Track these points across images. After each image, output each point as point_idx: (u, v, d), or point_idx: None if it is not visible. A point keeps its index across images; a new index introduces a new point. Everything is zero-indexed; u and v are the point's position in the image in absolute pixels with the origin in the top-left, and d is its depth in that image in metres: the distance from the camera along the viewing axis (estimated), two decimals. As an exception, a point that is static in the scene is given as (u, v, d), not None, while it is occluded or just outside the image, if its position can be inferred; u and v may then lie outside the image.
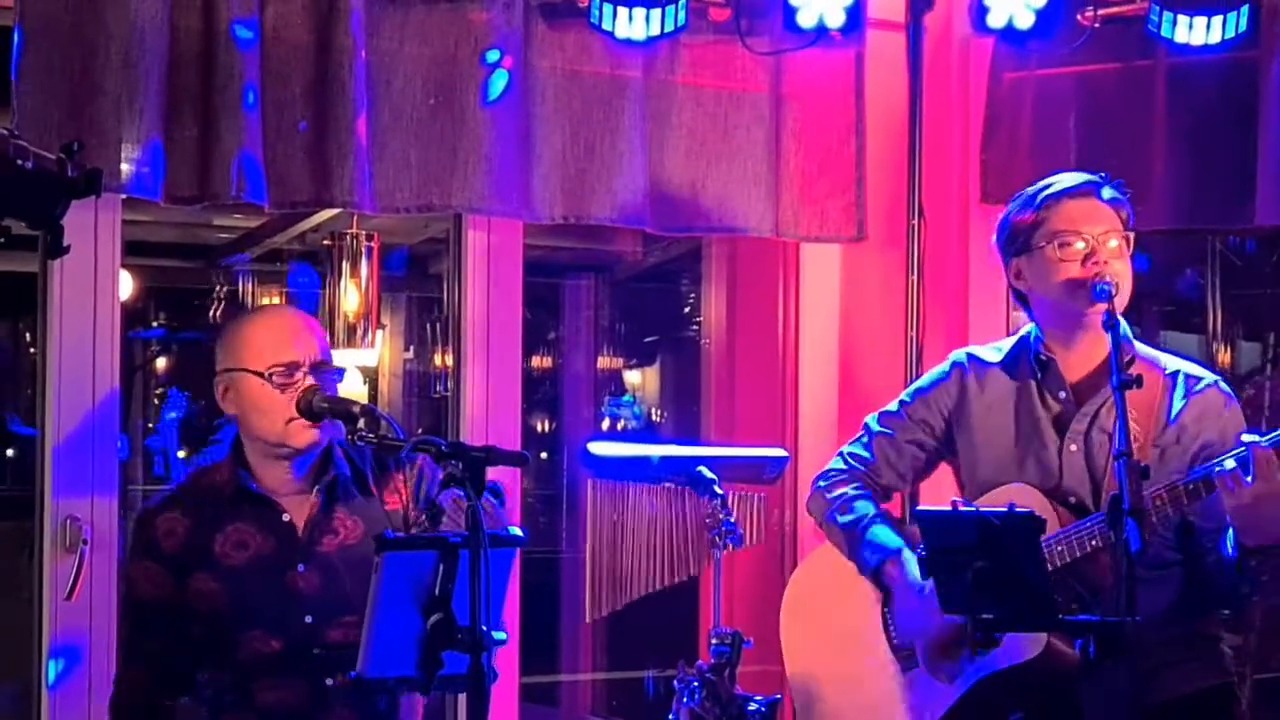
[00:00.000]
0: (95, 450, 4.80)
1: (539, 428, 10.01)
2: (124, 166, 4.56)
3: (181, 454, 10.02)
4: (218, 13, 4.67)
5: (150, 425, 9.90)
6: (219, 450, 3.97)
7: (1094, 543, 3.79)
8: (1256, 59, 5.29)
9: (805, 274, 5.83)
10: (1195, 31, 5.13)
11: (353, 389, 7.11)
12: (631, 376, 10.88)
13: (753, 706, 3.99)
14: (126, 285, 5.57)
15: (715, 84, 5.39)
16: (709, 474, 4.27)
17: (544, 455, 9.77)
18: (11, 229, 2.64)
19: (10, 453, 10.00)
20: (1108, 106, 5.54)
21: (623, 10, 5.00)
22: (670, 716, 4.11)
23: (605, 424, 10.07)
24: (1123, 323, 3.91)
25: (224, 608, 3.80)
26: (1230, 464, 3.63)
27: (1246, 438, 3.65)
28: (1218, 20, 5.11)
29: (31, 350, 8.82)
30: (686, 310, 9.36)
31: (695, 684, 4.04)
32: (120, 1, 4.53)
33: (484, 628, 3.12)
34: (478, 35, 5.02)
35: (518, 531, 3.47)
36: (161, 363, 10.68)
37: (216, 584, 3.81)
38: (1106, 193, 4.00)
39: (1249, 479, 3.59)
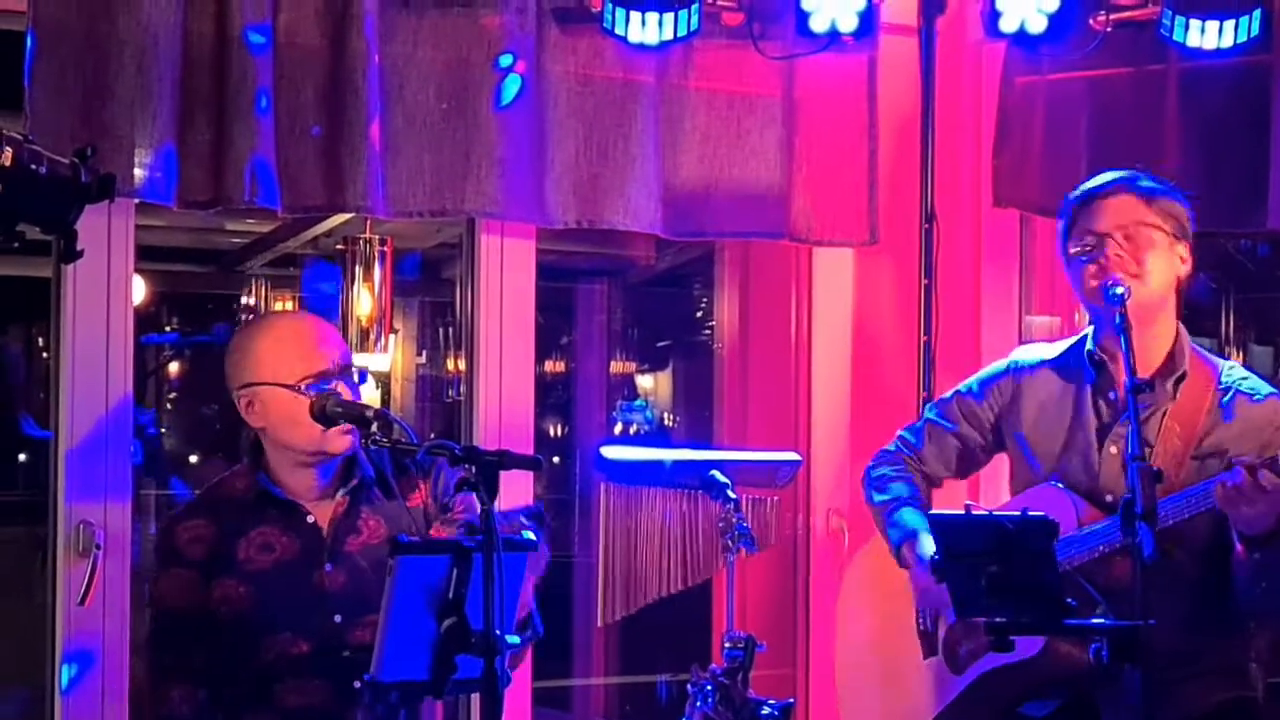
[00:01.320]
0: (108, 455, 4.80)
1: (552, 432, 10.02)
2: (137, 171, 4.56)
3: (194, 458, 10.03)
4: (231, 18, 4.68)
5: (164, 431, 9.91)
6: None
7: (1115, 544, 3.79)
8: (1269, 63, 5.28)
9: (817, 278, 5.82)
10: (1207, 36, 5.12)
11: (366, 393, 7.12)
12: (644, 381, 10.89)
13: (766, 711, 3.99)
14: (139, 290, 5.57)
15: (728, 88, 5.39)
16: (722, 478, 4.26)
17: (556, 460, 9.77)
18: (25, 234, 2.64)
19: (22, 457, 10.01)
20: (1120, 111, 5.53)
21: (635, 15, 5.00)
22: (683, 720, 4.11)
23: (618, 428, 10.06)
24: (1177, 325, 3.95)
25: (250, 611, 3.79)
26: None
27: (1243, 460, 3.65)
28: (1230, 25, 5.10)
29: (44, 355, 8.83)
30: (699, 314, 9.35)
31: (708, 688, 4.03)
32: (133, 6, 4.54)
33: (498, 631, 3.12)
34: (491, 40, 5.02)
35: (531, 536, 3.47)
36: (174, 367, 10.69)
37: (243, 588, 3.81)
38: (1142, 184, 3.99)
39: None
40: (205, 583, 3.83)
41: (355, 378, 3.91)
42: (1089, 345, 4.08)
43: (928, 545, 4.02)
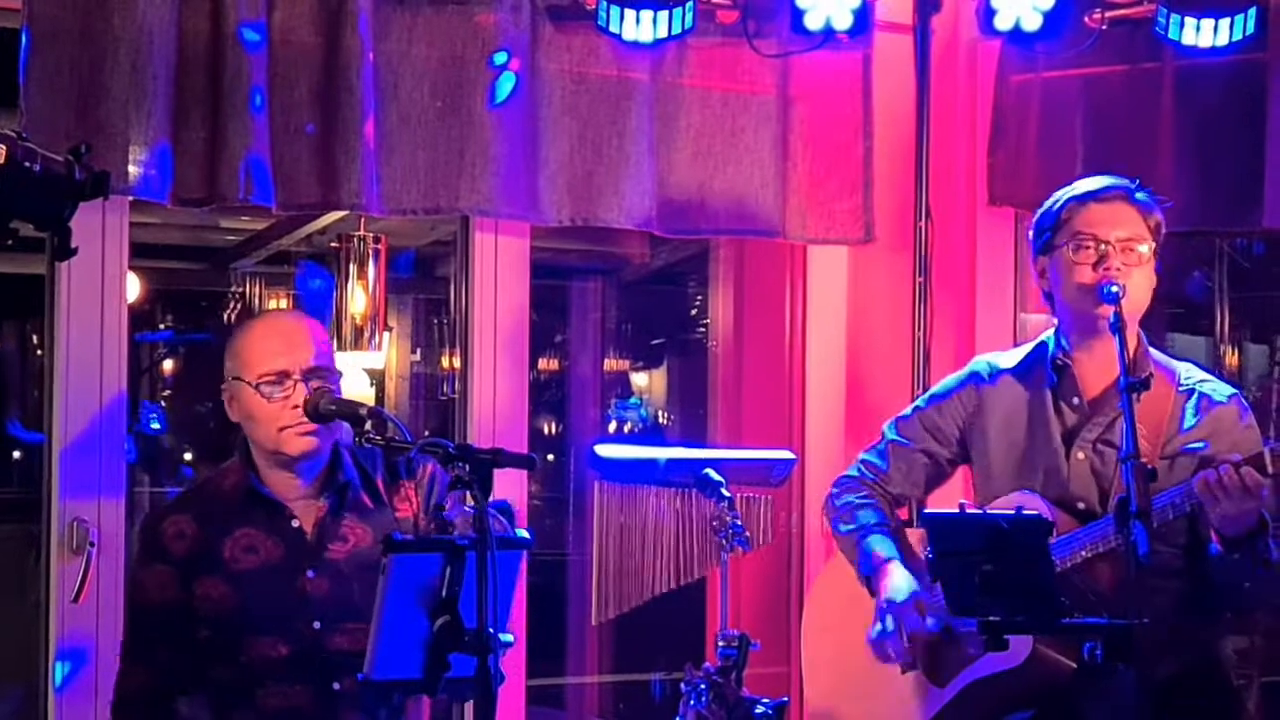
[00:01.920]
0: (102, 452, 4.80)
1: (546, 430, 10.00)
2: (131, 169, 4.56)
3: (188, 456, 10.02)
4: (225, 16, 4.68)
5: (157, 426, 9.89)
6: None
7: (1100, 547, 3.79)
8: (1264, 61, 5.29)
9: (812, 276, 5.82)
10: (1203, 34, 5.13)
11: (360, 391, 7.12)
12: (638, 379, 10.88)
13: (759, 709, 3.98)
14: (134, 288, 5.54)
15: (723, 86, 5.39)
16: (716, 476, 4.26)
17: (551, 458, 9.76)
18: (19, 231, 2.64)
19: (16, 455, 10.00)
20: (1115, 108, 5.53)
21: (630, 12, 5.00)
22: (677, 719, 4.10)
23: (612, 426, 10.05)
24: (1138, 332, 3.94)
25: (232, 612, 3.79)
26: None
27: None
28: (1225, 22, 5.11)
29: (39, 353, 8.82)
30: (693, 312, 9.35)
31: (702, 686, 4.03)
32: (128, 4, 4.54)
33: (491, 630, 3.12)
34: (485, 37, 5.02)
35: (525, 534, 3.46)
36: (168, 365, 10.68)
37: (226, 588, 3.80)
38: (1139, 197, 3.99)
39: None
40: (184, 580, 3.82)
41: (326, 379, 3.84)
42: (1052, 349, 4.08)
43: (897, 578, 4.04)
